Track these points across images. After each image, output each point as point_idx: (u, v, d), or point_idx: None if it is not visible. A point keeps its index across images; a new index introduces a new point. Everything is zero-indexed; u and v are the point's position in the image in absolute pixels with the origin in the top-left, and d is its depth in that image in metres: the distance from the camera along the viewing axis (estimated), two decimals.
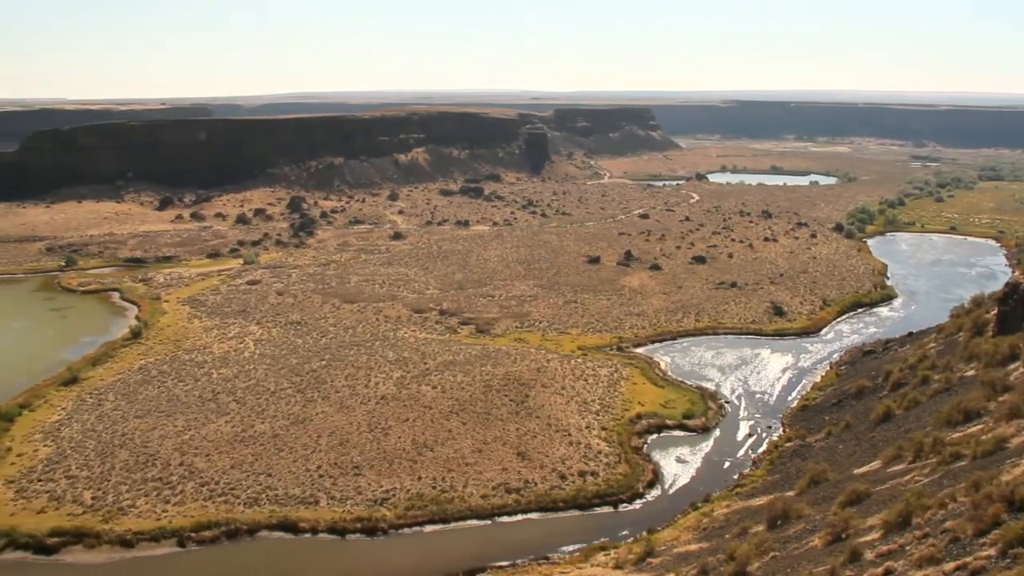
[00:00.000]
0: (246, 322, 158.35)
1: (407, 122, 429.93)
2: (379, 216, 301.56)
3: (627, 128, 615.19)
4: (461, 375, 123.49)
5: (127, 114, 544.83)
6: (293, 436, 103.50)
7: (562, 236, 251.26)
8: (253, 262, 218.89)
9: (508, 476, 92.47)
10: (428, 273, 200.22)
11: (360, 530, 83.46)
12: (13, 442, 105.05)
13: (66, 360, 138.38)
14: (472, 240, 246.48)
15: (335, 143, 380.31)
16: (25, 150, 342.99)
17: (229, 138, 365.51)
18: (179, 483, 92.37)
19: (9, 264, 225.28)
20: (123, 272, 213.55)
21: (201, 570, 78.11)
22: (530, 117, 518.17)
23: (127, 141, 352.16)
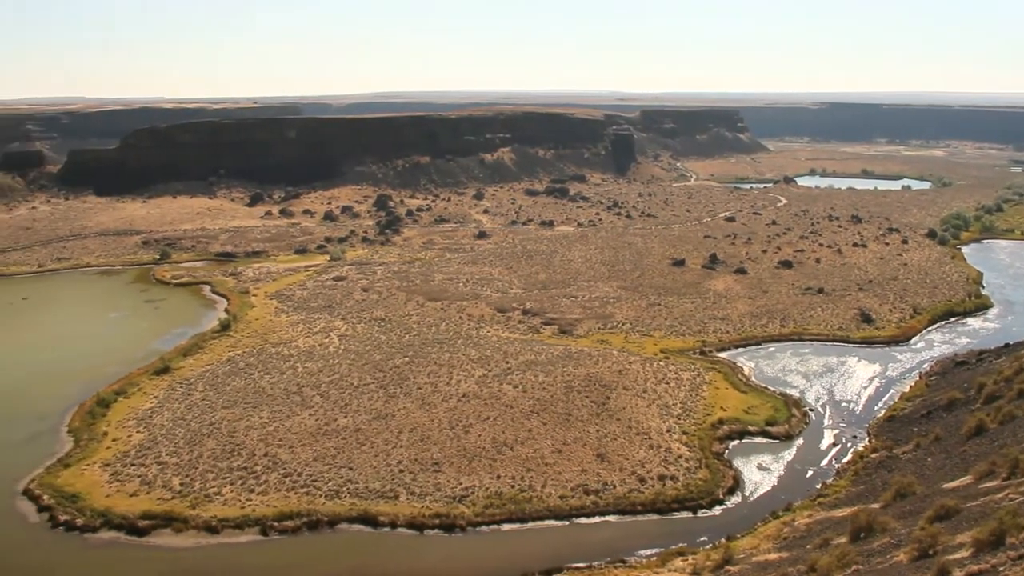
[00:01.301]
0: (331, 317, 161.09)
1: (493, 122, 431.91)
2: (464, 215, 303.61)
3: (714, 130, 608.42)
4: (543, 375, 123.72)
5: (220, 113, 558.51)
6: (375, 431, 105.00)
7: (647, 238, 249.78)
8: (339, 259, 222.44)
9: (587, 477, 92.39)
10: (512, 272, 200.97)
11: (438, 526, 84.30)
12: (109, 427, 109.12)
13: (159, 350, 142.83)
14: (556, 240, 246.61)
15: (422, 142, 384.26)
16: (125, 147, 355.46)
17: (318, 136, 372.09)
18: (263, 473, 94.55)
19: (108, 256, 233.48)
20: (214, 266, 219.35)
21: (283, 559, 79.75)
22: (616, 118, 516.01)
23: (220, 139, 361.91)
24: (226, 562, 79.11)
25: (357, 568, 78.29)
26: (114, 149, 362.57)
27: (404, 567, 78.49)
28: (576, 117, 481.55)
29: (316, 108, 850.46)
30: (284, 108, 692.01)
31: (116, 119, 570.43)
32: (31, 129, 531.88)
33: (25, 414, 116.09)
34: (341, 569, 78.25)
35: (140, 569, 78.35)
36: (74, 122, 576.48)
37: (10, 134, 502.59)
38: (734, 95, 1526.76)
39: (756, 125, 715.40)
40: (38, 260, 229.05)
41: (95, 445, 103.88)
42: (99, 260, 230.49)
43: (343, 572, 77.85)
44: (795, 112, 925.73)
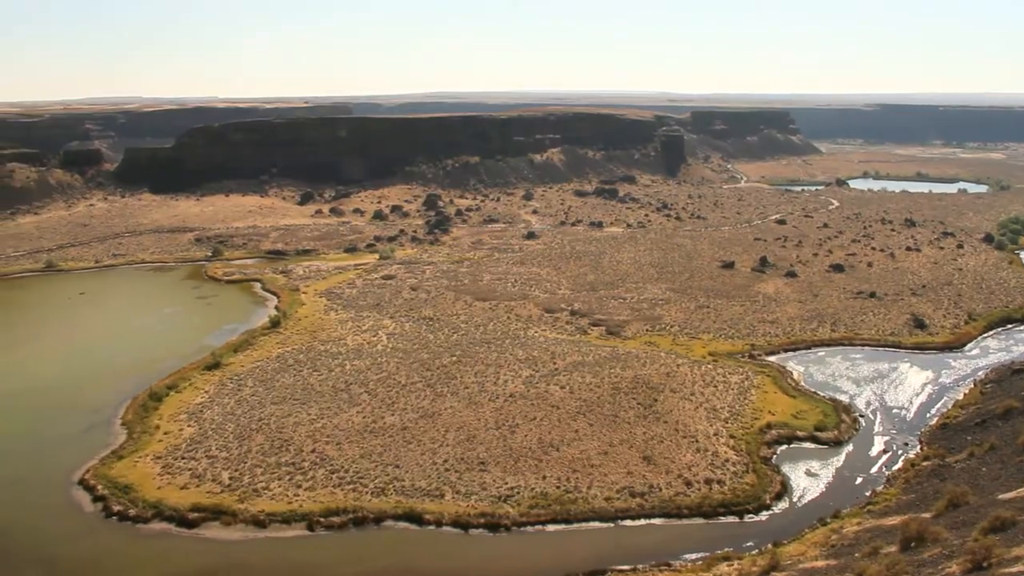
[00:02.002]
0: (380, 316, 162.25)
1: (543, 122, 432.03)
2: (513, 215, 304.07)
3: (765, 132, 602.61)
4: (590, 376, 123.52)
5: (273, 112, 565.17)
6: (421, 429, 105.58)
7: (696, 240, 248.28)
8: (389, 257, 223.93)
9: (633, 480, 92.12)
10: (560, 273, 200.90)
11: (483, 525, 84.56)
12: (161, 420, 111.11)
13: (210, 346, 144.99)
14: (605, 241, 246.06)
15: (472, 142, 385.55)
16: (179, 146, 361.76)
17: (369, 136, 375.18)
18: (311, 469, 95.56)
19: (162, 253, 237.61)
20: (265, 263, 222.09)
21: (328, 555, 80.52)
22: (666, 119, 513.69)
23: (272, 138, 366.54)
24: (273, 556, 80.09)
25: (401, 565, 78.78)
26: (169, 148, 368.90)
27: (448, 566, 78.84)
28: (626, 118, 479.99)
29: (367, 108, 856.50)
30: (335, 108, 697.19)
31: (171, 118, 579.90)
32: (90, 128, 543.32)
33: (81, 406, 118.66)
34: (386, 566, 78.81)
35: (189, 561, 79.65)
36: (131, 121, 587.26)
37: (70, 133, 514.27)
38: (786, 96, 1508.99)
39: (808, 127, 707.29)
40: (95, 256, 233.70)
41: (147, 438, 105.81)
42: (153, 257, 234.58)
43: (388, 569, 78.39)
44: (848, 114, 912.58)
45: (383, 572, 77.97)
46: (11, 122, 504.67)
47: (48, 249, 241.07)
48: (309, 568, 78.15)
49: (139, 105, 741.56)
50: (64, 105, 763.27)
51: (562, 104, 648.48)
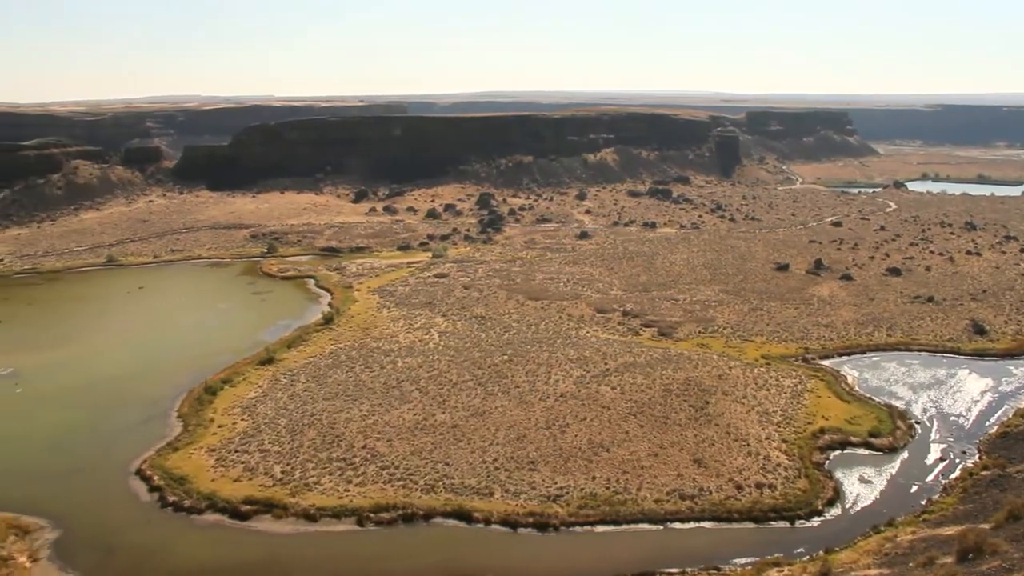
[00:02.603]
0: (432, 314, 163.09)
1: (597, 122, 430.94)
2: (566, 215, 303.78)
3: (822, 132, 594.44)
4: (641, 377, 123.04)
5: (328, 111, 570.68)
6: (472, 428, 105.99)
7: (750, 241, 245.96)
8: (441, 256, 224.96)
9: (683, 482, 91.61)
10: (613, 273, 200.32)
11: (532, 524, 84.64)
12: (216, 414, 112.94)
13: (264, 341, 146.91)
14: (658, 242, 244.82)
15: (525, 142, 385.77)
16: (236, 144, 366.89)
17: (423, 135, 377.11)
18: (361, 465, 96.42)
19: (219, 249, 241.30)
20: (319, 260, 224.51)
21: (377, 550, 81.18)
22: (721, 119, 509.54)
23: (327, 136, 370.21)
24: (323, 550, 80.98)
25: (450, 563, 79.15)
26: (226, 146, 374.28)
27: (497, 564, 79.05)
28: (680, 118, 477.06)
29: (421, 107, 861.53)
30: (390, 107, 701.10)
31: (229, 117, 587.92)
32: (150, 126, 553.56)
33: (139, 399, 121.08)
34: (434, 563, 79.24)
35: (241, 552, 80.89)
36: (189, 119, 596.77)
37: (131, 131, 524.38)
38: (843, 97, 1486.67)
39: (865, 128, 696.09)
40: (153, 251, 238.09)
41: (202, 431, 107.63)
42: (210, 252, 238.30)
43: (436, 566, 78.80)
44: (907, 114, 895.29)
45: (432, 569, 78.39)
46: (76, 120, 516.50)
47: (109, 244, 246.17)
48: (358, 563, 78.89)
49: (198, 104, 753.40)
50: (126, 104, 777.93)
51: (616, 104, 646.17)
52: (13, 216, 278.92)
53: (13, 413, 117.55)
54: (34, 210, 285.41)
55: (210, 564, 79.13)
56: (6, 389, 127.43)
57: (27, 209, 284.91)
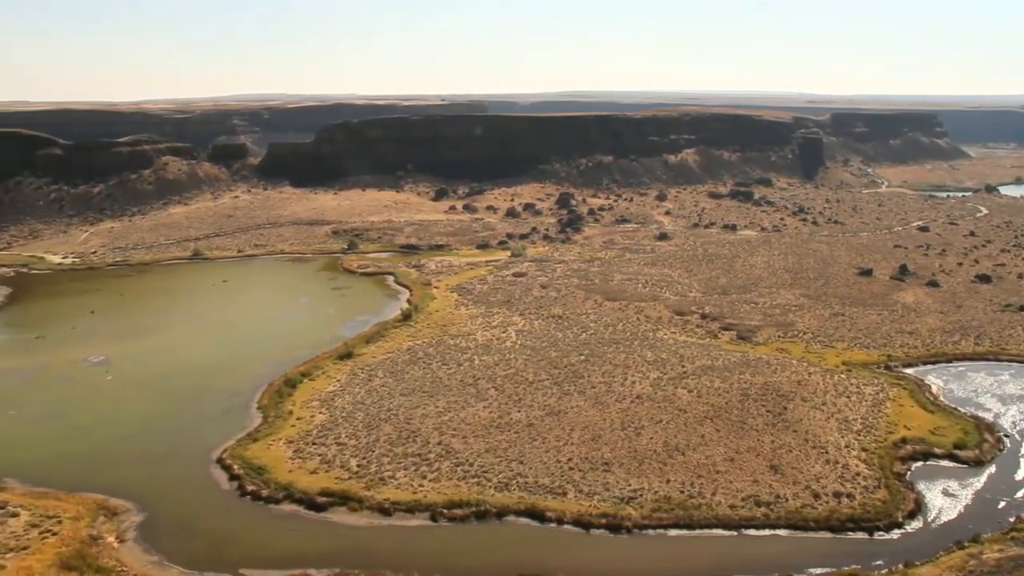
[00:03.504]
0: (510, 312, 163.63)
1: (678, 123, 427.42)
2: (646, 216, 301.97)
3: (909, 135, 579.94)
4: (718, 381, 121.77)
5: (410, 109, 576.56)
6: (547, 427, 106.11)
7: (833, 245, 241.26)
8: (520, 255, 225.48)
9: (759, 488, 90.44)
10: (692, 275, 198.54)
11: (605, 526, 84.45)
12: (294, 407, 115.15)
13: (343, 336, 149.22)
14: (739, 244, 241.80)
15: (605, 141, 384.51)
16: (319, 141, 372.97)
17: (503, 134, 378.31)
18: (436, 461, 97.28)
19: (301, 245, 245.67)
20: (398, 257, 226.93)
21: (450, 546, 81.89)
22: (805, 121, 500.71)
23: (408, 135, 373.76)
24: (396, 544, 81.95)
25: (522, 561, 79.33)
26: (309, 143, 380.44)
27: (568, 564, 78.99)
28: (763, 119, 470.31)
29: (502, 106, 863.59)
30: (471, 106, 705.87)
31: (312, 114, 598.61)
32: (237, 124, 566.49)
33: (222, 389, 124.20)
34: (507, 561, 79.54)
35: (317, 543, 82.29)
36: (274, 117, 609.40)
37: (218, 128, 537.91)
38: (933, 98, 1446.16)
39: (956, 129, 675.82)
40: (237, 246, 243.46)
41: (281, 422, 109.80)
42: (292, 248, 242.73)
43: (508, 564, 79.05)
44: (1001, 116, 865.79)
45: (503, 567, 78.67)
46: (167, 118, 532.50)
47: (195, 238, 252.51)
48: (431, 558, 79.55)
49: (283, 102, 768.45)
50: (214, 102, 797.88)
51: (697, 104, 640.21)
52: (107, 210, 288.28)
53: (104, 399, 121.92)
54: (126, 204, 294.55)
55: (286, 554, 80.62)
56: (98, 375, 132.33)
57: (120, 203, 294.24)
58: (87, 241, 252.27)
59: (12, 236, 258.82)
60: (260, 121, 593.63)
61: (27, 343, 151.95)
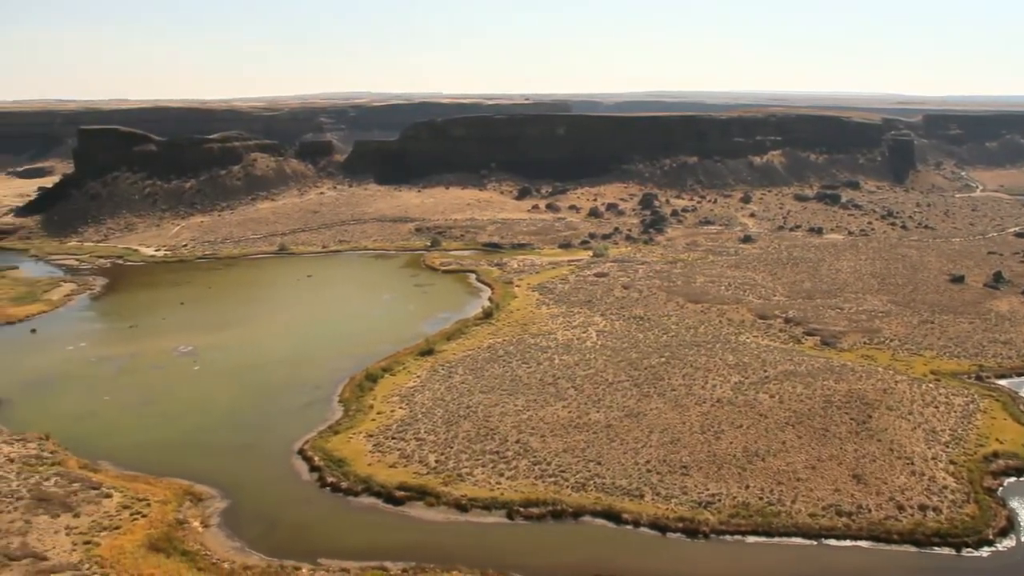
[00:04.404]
0: (591, 312, 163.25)
1: (764, 124, 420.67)
2: (730, 217, 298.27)
3: (1007, 137, 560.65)
4: (801, 387, 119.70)
5: (494, 108, 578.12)
6: (625, 428, 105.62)
7: (923, 251, 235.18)
8: (602, 255, 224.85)
9: (840, 498, 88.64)
10: (776, 279, 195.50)
11: (681, 530, 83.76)
12: (375, 401, 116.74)
13: (424, 332, 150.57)
14: (824, 248, 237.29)
15: (690, 142, 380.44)
16: (404, 139, 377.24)
17: (586, 133, 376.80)
18: (514, 459, 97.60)
19: (384, 241, 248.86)
20: (480, 255, 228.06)
21: (526, 544, 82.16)
22: (895, 122, 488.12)
23: (492, 134, 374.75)
24: (472, 540, 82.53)
25: (597, 562, 79.15)
26: (394, 141, 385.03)
27: (643, 566, 78.61)
28: (851, 121, 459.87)
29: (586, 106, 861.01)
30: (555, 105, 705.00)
31: (397, 113, 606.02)
32: (323, 121, 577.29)
33: (305, 382, 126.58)
34: (582, 561, 79.42)
35: (394, 536, 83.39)
36: (360, 115, 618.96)
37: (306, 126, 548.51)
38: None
39: None
40: (322, 241, 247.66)
41: (362, 416, 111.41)
42: (375, 244, 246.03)
43: (584, 564, 78.94)
44: None
45: (579, 567, 78.57)
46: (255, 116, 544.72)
47: (282, 233, 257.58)
48: (506, 555, 79.86)
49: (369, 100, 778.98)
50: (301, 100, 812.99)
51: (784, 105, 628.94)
52: (197, 204, 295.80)
53: (192, 388, 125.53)
54: (216, 199, 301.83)
55: (363, 546, 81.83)
56: (186, 366, 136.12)
57: (210, 198, 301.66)
58: (178, 234, 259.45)
59: (109, 229, 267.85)
60: (346, 119, 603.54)
61: (121, 332, 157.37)
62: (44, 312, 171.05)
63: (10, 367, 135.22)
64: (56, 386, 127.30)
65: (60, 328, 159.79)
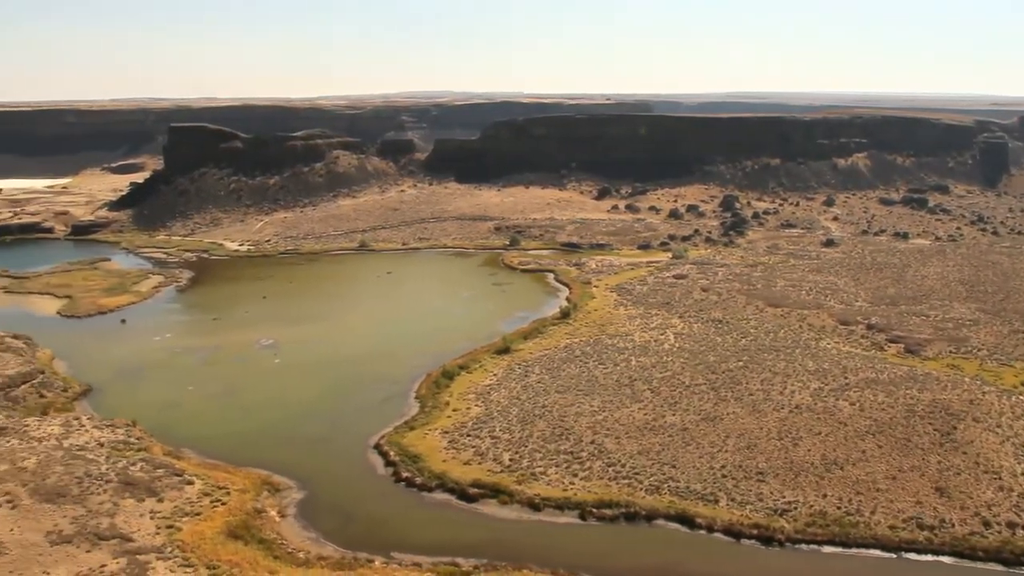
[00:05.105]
0: (669, 315, 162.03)
1: (849, 125, 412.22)
2: (812, 221, 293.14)
3: None
4: (883, 395, 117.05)
5: (574, 108, 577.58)
6: (701, 432, 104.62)
7: (1015, 258, 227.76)
8: (681, 257, 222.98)
9: (922, 511, 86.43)
10: (859, 284, 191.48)
11: (756, 537, 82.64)
12: (451, 398, 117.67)
13: (501, 331, 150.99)
14: (910, 254, 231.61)
15: (772, 144, 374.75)
16: (485, 138, 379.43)
17: (667, 134, 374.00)
18: (588, 460, 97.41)
19: (463, 239, 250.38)
20: (559, 255, 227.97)
21: (597, 545, 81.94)
22: (988, 124, 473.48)
23: (573, 133, 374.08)
24: (543, 540, 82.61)
25: (669, 566, 78.67)
26: (475, 140, 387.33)
27: (716, 572, 77.88)
28: (941, 123, 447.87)
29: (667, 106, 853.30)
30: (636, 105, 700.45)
31: (479, 112, 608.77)
32: (405, 120, 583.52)
33: (382, 378, 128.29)
34: (653, 564, 78.95)
35: (466, 533, 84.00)
36: (442, 114, 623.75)
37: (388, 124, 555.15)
38: None
39: None
40: (402, 239, 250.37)
41: (437, 413, 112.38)
42: (454, 242, 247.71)
43: (656, 568, 78.48)
44: None
45: (651, 570, 78.13)
46: (339, 114, 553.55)
47: (362, 230, 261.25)
48: (577, 556, 79.69)
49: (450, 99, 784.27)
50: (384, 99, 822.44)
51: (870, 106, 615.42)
52: (281, 201, 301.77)
53: (271, 381, 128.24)
54: (299, 195, 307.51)
55: (436, 541, 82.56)
56: (267, 358, 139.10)
57: (293, 195, 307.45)
58: (262, 230, 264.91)
59: (196, 223, 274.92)
60: (428, 118, 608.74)
61: (205, 324, 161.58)
62: (133, 303, 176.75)
63: (101, 355, 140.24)
64: (143, 375, 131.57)
65: (148, 319, 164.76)
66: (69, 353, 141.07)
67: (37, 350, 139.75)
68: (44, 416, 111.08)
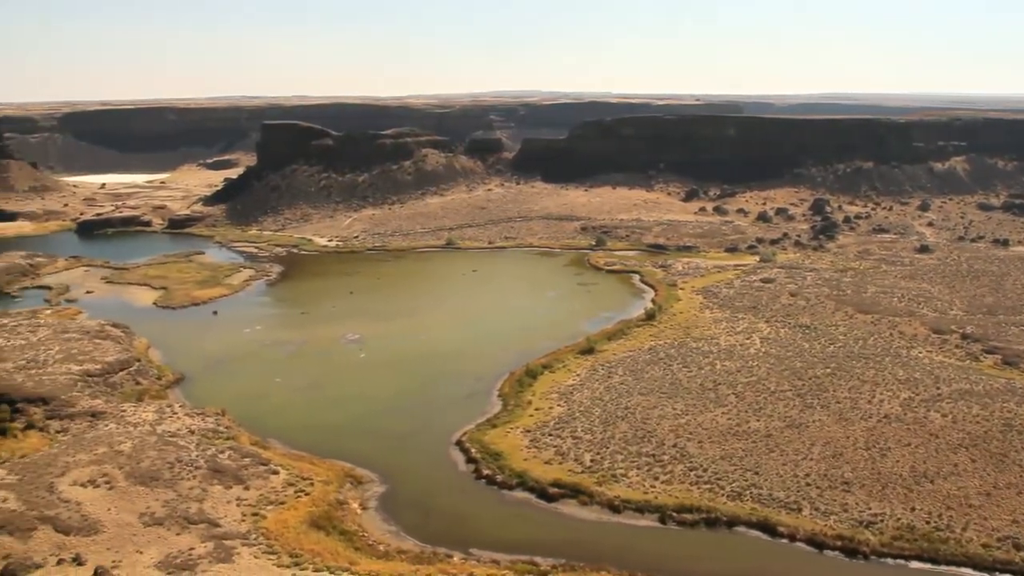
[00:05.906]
0: (755, 319, 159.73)
1: (947, 128, 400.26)
2: (906, 226, 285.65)
3: None
4: (977, 407, 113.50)
5: (663, 109, 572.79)
6: (786, 439, 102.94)
7: None
8: (770, 260, 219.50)
9: (1019, 530, 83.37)
10: (954, 292, 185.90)
11: (840, 548, 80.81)
12: (534, 397, 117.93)
13: (585, 331, 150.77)
14: (1010, 261, 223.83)
15: (865, 146, 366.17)
16: (572, 138, 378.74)
17: (757, 136, 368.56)
18: (670, 463, 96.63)
19: (549, 239, 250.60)
20: (645, 256, 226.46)
21: (676, 550, 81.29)
22: None
23: (661, 134, 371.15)
24: (622, 542, 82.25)
25: (749, 574, 77.62)
26: (562, 139, 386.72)
27: None
28: None
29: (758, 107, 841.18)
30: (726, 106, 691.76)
31: (567, 111, 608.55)
32: (493, 119, 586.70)
33: (466, 375, 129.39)
34: (732, 572, 78.07)
35: (545, 532, 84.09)
36: (530, 113, 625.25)
37: (476, 123, 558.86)
38: None
39: None
40: (488, 237, 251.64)
41: (520, 411, 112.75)
42: (540, 242, 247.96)
43: (734, 575, 77.46)
44: None
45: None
46: (428, 112, 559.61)
47: (449, 228, 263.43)
48: (656, 560, 79.18)
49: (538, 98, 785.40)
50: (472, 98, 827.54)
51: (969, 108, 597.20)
52: (369, 198, 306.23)
53: (356, 375, 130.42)
54: (387, 193, 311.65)
55: (514, 539, 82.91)
56: (352, 353, 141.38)
57: (381, 192, 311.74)
58: (350, 226, 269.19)
59: (286, 219, 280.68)
60: (516, 117, 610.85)
61: (294, 318, 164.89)
62: (225, 296, 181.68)
63: (193, 346, 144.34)
64: (233, 366, 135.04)
65: (238, 311, 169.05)
66: (164, 342, 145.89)
67: (134, 339, 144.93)
68: (139, 402, 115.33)
